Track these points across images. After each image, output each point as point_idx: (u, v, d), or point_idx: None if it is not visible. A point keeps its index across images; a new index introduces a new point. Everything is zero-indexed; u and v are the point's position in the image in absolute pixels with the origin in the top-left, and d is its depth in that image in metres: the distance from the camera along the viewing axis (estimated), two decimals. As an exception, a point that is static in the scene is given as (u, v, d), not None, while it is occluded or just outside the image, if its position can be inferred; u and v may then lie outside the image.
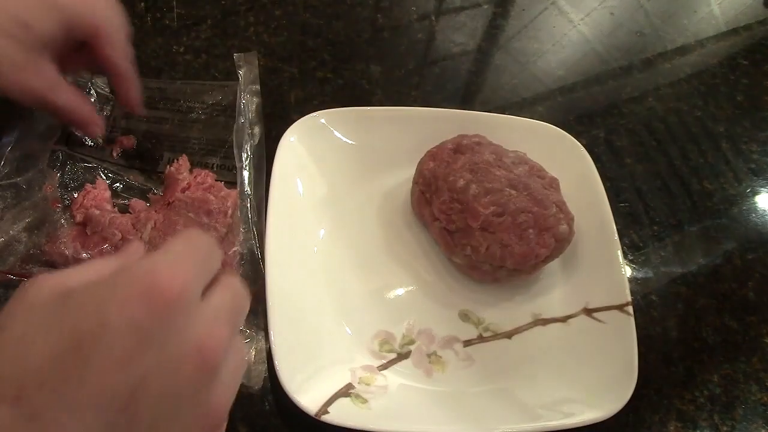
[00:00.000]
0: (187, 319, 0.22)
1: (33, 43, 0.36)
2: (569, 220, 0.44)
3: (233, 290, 0.25)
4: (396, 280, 0.45)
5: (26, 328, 0.21)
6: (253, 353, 0.39)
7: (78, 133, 0.46)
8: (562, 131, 0.51)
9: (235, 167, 0.45)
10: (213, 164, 0.46)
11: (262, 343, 0.39)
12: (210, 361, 0.22)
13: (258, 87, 0.51)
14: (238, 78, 0.50)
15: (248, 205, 0.44)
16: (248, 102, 0.50)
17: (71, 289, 0.22)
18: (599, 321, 0.43)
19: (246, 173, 0.45)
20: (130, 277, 0.21)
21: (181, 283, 0.21)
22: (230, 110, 0.49)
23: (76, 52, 0.40)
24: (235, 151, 0.46)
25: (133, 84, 0.42)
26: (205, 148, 0.47)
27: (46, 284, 0.22)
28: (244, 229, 0.43)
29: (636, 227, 0.52)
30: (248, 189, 0.44)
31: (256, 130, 0.49)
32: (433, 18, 0.64)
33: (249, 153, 0.46)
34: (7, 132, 0.44)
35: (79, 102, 0.40)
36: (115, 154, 0.46)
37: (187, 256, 0.23)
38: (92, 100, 0.48)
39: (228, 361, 0.24)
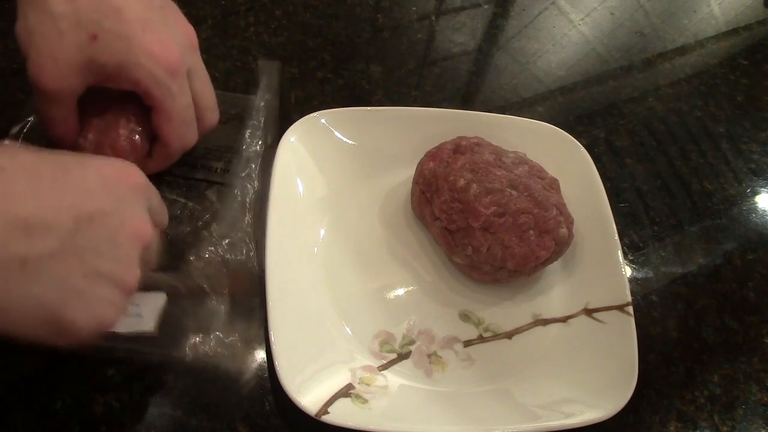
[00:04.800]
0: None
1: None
2: (569, 223, 0.44)
3: None
4: (396, 280, 0.45)
5: None
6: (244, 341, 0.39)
7: None
8: (562, 131, 0.51)
9: (239, 172, 0.46)
10: (217, 168, 0.47)
11: (262, 343, 0.40)
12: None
13: (275, 99, 0.51)
14: (257, 84, 0.50)
15: (245, 212, 0.44)
16: (259, 111, 0.50)
17: None
18: (599, 321, 0.43)
19: (248, 184, 0.45)
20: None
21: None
22: (238, 121, 0.49)
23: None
24: (234, 161, 0.46)
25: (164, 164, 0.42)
26: (210, 152, 0.48)
27: None
28: (240, 236, 0.43)
29: (636, 227, 0.52)
30: (247, 199, 0.45)
31: (267, 134, 0.49)
32: (433, 18, 0.64)
33: (255, 163, 0.46)
34: (15, 123, 0.44)
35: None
36: None
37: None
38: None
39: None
